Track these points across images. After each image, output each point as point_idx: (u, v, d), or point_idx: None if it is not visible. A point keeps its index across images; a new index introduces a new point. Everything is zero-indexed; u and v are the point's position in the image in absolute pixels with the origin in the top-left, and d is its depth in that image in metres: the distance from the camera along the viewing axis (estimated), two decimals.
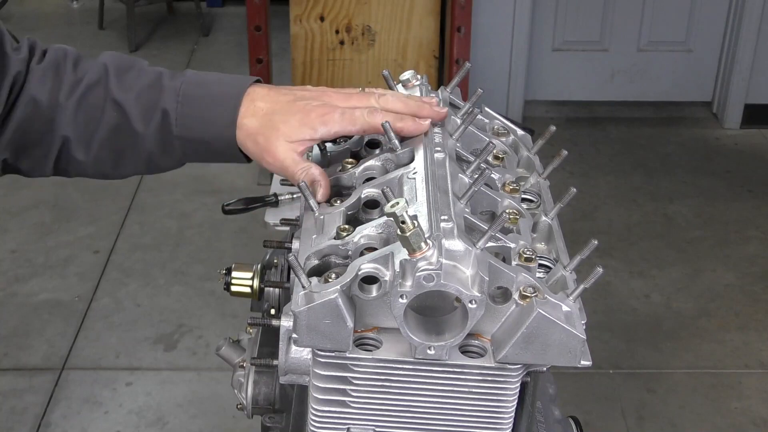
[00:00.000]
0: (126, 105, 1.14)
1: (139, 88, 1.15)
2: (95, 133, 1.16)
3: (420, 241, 0.85)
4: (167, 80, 1.15)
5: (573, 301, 0.91)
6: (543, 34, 4.44)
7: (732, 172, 4.15)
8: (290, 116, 1.07)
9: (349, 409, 0.95)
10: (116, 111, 1.14)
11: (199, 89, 1.14)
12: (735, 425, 2.79)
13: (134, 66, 1.17)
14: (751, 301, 3.32)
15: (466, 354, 0.92)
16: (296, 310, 0.89)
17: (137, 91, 1.15)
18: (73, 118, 1.15)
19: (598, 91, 4.59)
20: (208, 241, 3.62)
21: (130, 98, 1.14)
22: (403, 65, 3.88)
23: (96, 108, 1.15)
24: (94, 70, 1.16)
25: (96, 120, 1.15)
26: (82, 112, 1.15)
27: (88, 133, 1.16)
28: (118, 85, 1.15)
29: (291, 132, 1.06)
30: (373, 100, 1.08)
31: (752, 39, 4.36)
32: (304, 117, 1.07)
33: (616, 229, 3.71)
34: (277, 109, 1.09)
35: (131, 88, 1.15)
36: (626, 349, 3.07)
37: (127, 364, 2.99)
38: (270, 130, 1.08)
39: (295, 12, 3.83)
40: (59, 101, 1.15)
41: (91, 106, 1.15)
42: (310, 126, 1.06)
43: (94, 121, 1.15)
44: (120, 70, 1.17)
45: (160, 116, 1.13)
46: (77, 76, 1.16)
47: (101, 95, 1.15)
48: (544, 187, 1.10)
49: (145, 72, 1.17)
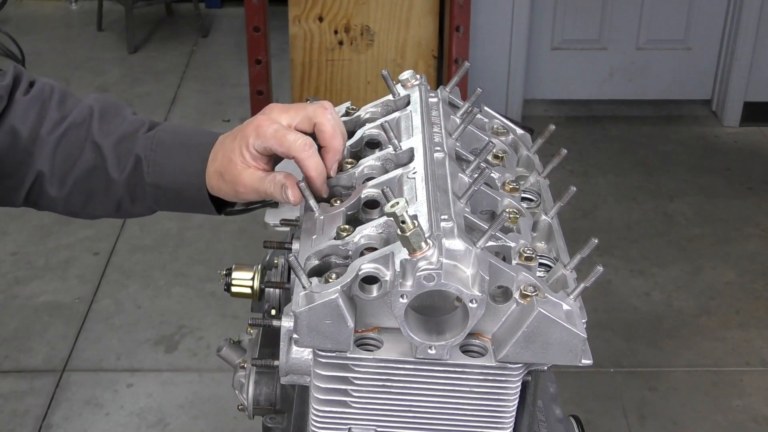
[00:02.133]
0: (104, 149, 1.16)
1: (119, 134, 1.17)
2: (71, 171, 1.17)
3: (420, 241, 0.85)
4: (145, 129, 1.17)
5: (573, 299, 0.91)
6: (542, 32, 4.44)
7: (732, 169, 4.15)
8: (232, 140, 1.09)
9: (350, 410, 0.95)
10: (94, 153, 1.16)
11: (173, 138, 1.16)
12: (736, 423, 2.79)
13: (119, 113, 1.19)
14: (752, 298, 3.31)
15: (467, 353, 0.92)
16: (297, 310, 0.89)
17: (117, 137, 1.16)
18: (52, 154, 1.16)
19: (597, 90, 4.59)
20: (208, 242, 3.62)
21: (109, 143, 1.16)
22: (402, 65, 3.89)
23: (76, 147, 1.17)
24: (79, 110, 1.18)
25: (74, 159, 1.17)
26: (62, 149, 1.16)
27: (64, 171, 1.17)
28: (100, 128, 1.17)
29: (235, 154, 1.08)
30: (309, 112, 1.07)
31: (751, 36, 4.36)
32: (239, 131, 1.09)
33: (616, 228, 3.71)
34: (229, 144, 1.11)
35: (112, 133, 1.17)
36: (627, 348, 3.07)
37: (128, 365, 2.99)
38: (228, 165, 1.09)
39: (293, 12, 3.83)
40: (40, 135, 1.16)
41: (71, 145, 1.17)
42: (242, 137, 1.07)
43: (72, 160, 1.17)
44: (104, 114, 1.18)
45: (134, 162, 1.15)
46: (62, 113, 1.17)
47: (82, 136, 1.17)
48: (543, 186, 1.10)
49: (128, 120, 1.18)
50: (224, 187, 1.11)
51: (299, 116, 1.07)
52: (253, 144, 1.05)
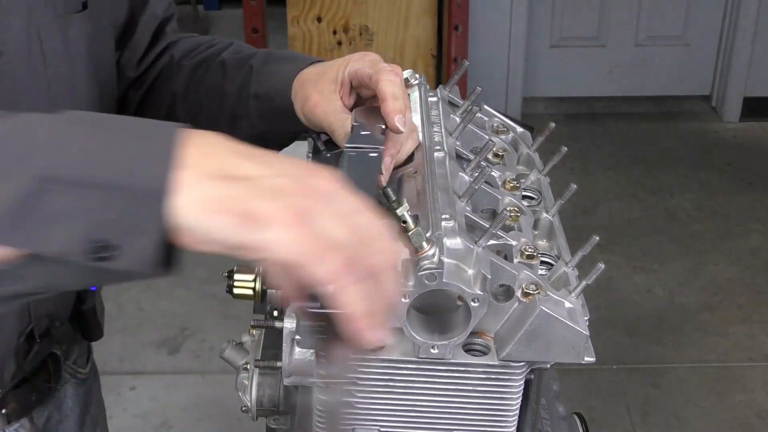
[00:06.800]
0: (227, 65, 1.18)
1: (243, 54, 1.19)
2: (197, 94, 1.20)
3: (421, 241, 0.85)
4: (267, 51, 1.20)
5: (575, 297, 0.91)
6: (540, 30, 4.44)
7: (732, 165, 4.15)
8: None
9: (353, 410, 0.95)
10: (218, 71, 1.19)
11: (285, 54, 1.18)
12: (740, 418, 2.79)
13: (251, 48, 1.22)
14: (754, 293, 3.31)
15: (470, 352, 0.92)
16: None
17: (241, 56, 1.19)
18: (188, 77, 1.21)
19: (597, 87, 4.59)
20: None
21: (233, 60, 1.18)
22: (401, 64, 3.83)
23: (206, 71, 1.20)
24: (221, 44, 1.23)
25: (201, 82, 1.20)
26: (196, 74, 1.21)
27: (193, 95, 1.21)
28: (230, 51, 1.20)
29: (333, 68, 1.06)
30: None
31: (750, 32, 4.36)
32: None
33: (617, 225, 3.71)
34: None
35: (238, 55, 1.19)
36: (630, 345, 3.07)
37: (130, 368, 2.99)
38: (320, 76, 1.07)
39: (292, 13, 3.83)
40: (182, 63, 1.22)
41: (204, 70, 1.21)
42: (347, 58, 1.06)
43: (199, 83, 1.20)
44: (239, 45, 1.22)
45: (245, 73, 1.16)
46: (207, 48, 1.23)
47: (214, 61, 1.20)
48: (544, 183, 1.10)
49: (255, 49, 1.21)
50: (300, 93, 1.07)
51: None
52: (352, 65, 1.03)
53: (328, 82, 1.04)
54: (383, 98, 0.97)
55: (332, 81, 1.04)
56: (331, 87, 1.04)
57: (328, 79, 1.05)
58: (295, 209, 0.62)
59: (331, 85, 1.04)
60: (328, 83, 1.04)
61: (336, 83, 1.04)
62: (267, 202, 0.62)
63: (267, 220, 0.62)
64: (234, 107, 1.17)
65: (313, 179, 0.65)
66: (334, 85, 1.04)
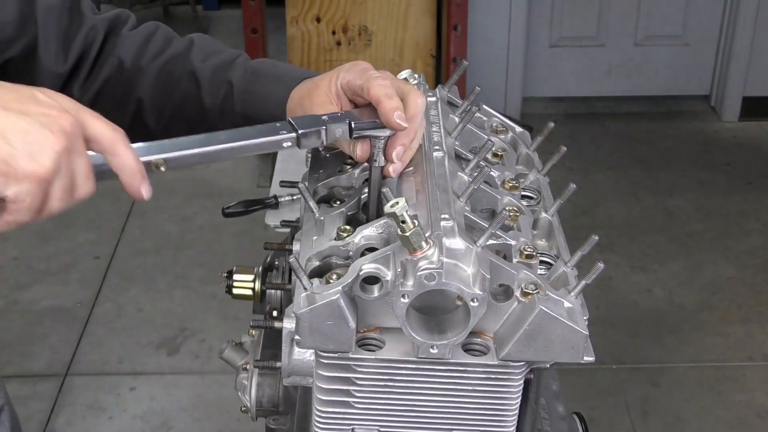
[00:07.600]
0: (200, 77, 1.17)
1: (216, 63, 1.18)
2: (169, 101, 1.19)
3: (420, 241, 0.85)
4: (242, 60, 1.18)
5: (575, 297, 0.91)
6: (539, 30, 4.44)
7: (731, 164, 4.15)
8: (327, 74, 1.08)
9: (353, 410, 0.95)
10: (190, 82, 1.17)
11: (267, 68, 1.16)
12: (739, 418, 2.79)
13: (218, 46, 1.21)
14: (753, 293, 3.31)
15: (469, 352, 0.92)
16: (298, 311, 0.89)
17: (214, 65, 1.17)
18: (152, 83, 1.19)
19: (596, 87, 4.59)
20: (209, 244, 3.62)
21: (206, 71, 1.17)
22: (400, 65, 3.89)
23: (174, 77, 1.18)
24: (180, 42, 1.21)
25: (171, 88, 1.18)
26: (162, 79, 1.18)
27: (162, 101, 1.19)
28: (198, 58, 1.18)
29: (324, 81, 1.06)
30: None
31: (749, 31, 4.36)
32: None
33: (616, 224, 3.71)
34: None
35: (209, 62, 1.18)
36: (629, 344, 3.07)
37: (130, 369, 2.99)
38: (313, 91, 1.07)
39: (291, 14, 3.83)
40: (141, 65, 1.19)
41: (171, 75, 1.19)
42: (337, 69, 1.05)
43: (170, 89, 1.18)
44: (203, 47, 1.20)
45: (226, 90, 1.15)
46: (164, 45, 1.20)
47: (181, 65, 1.18)
48: (543, 183, 1.10)
49: (226, 52, 1.20)
50: (298, 111, 1.08)
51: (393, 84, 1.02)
52: (343, 76, 1.04)
53: (322, 95, 1.06)
54: (377, 101, 0.98)
55: (325, 93, 1.05)
56: (325, 99, 1.05)
57: (321, 92, 1.06)
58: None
59: (325, 97, 1.05)
60: (322, 96, 1.06)
61: (329, 95, 1.05)
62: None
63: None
64: (214, 121, 1.17)
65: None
66: (327, 96, 1.05)
